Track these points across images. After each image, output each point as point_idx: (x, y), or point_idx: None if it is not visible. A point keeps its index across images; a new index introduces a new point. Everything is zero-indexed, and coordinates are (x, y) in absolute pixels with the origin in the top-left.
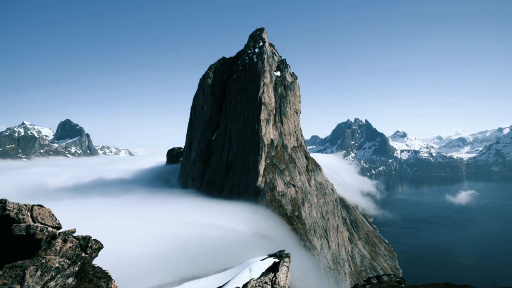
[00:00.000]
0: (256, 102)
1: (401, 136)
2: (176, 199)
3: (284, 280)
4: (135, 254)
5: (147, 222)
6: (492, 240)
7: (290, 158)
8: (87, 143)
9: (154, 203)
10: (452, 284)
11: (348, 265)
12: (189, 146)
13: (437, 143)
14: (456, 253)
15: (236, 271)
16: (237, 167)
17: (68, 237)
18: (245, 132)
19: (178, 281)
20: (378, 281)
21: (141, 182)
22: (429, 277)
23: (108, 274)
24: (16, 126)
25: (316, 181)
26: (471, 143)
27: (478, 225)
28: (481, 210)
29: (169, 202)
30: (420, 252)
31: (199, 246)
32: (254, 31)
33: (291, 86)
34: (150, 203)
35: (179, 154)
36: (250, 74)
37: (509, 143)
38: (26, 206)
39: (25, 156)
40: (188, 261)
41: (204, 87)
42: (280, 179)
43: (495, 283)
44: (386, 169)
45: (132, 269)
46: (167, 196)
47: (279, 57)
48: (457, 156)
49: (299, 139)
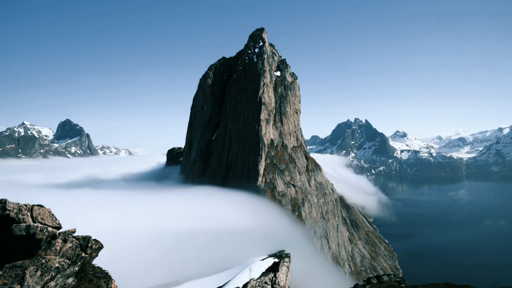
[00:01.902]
0: (256, 102)
1: (401, 136)
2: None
3: (284, 280)
4: (135, 253)
5: (147, 220)
6: (492, 240)
7: (290, 158)
8: (87, 143)
9: (153, 196)
10: (452, 284)
11: (348, 265)
12: (189, 146)
13: (437, 143)
14: (456, 253)
15: (236, 271)
16: (237, 167)
17: (68, 237)
18: (245, 132)
19: (178, 281)
20: (378, 281)
21: (142, 179)
22: (429, 277)
23: (108, 274)
24: (16, 126)
25: (316, 181)
26: (471, 143)
27: (478, 225)
28: (481, 210)
29: (169, 195)
30: (420, 252)
31: (199, 246)
32: (254, 31)
33: (291, 86)
34: (151, 195)
35: (179, 154)
36: (250, 74)
37: (509, 143)
38: (26, 206)
39: (25, 156)
40: (188, 261)
41: (204, 87)
42: (280, 179)
43: (495, 283)
44: (386, 169)
45: (132, 269)
46: (167, 189)
47: (279, 57)
48: (457, 156)
49: (299, 139)
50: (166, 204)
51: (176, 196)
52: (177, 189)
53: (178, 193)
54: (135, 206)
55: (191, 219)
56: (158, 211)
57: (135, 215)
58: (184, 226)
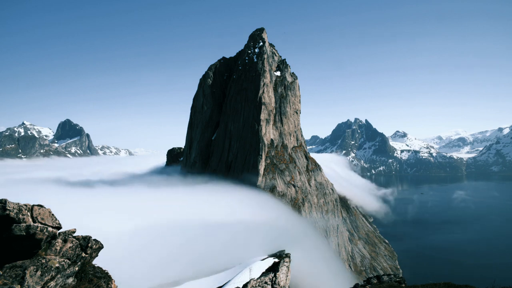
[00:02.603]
0: (256, 102)
1: (401, 136)
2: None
3: (284, 280)
4: (135, 253)
5: (147, 220)
6: (492, 240)
7: (290, 158)
8: (87, 143)
9: (154, 196)
10: (452, 284)
11: (348, 265)
12: (189, 146)
13: (437, 143)
14: (456, 253)
15: (236, 271)
16: (237, 167)
17: (68, 237)
18: (245, 132)
19: (178, 281)
20: (378, 281)
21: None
22: (429, 277)
23: (108, 274)
24: (16, 126)
25: (316, 181)
26: (471, 143)
27: (478, 225)
28: (481, 210)
29: (169, 194)
30: (420, 252)
31: (199, 245)
32: (254, 31)
33: (291, 86)
34: (151, 195)
35: (179, 154)
36: (250, 74)
37: (509, 143)
38: (26, 206)
39: (25, 156)
40: (188, 261)
41: (204, 87)
42: (280, 179)
43: (495, 283)
44: (386, 169)
45: (132, 269)
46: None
47: (279, 57)
48: (457, 156)
49: (299, 139)
50: (166, 204)
51: (176, 196)
52: (177, 189)
53: (178, 193)
54: (135, 206)
55: (191, 219)
56: (158, 211)
57: (135, 215)
58: (184, 226)
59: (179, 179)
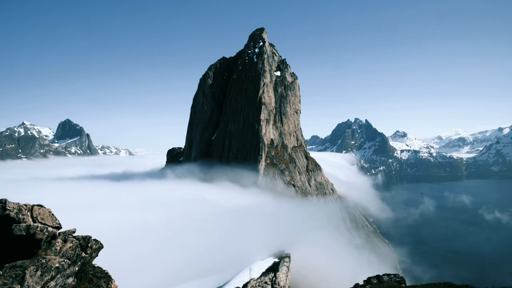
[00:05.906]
0: (256, 102)
1: (401, 136)
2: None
3: (284, 280)
4: (135, 253)
5: (147, 220)
6: (492, 240)
7: (290, 158)
8: (87, 143)
9: (153, 196)
10: (452, 284)
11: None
12: (189, 146)
13: (437, 143)
14: (456, 253)
15: (236, 271)
16: (237, 167)
17: (68, 237)
18: (245, 132)
19: (178, 281)
20: (378, 281)
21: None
22: (429, 277)
23: (108, 274)
24: (16, 126)
25: (316, 181)
26: (471, 143)
27: (478, 225)
28: (481, 210)
29: (169, 194)
30: (420, 252)
31: (199, 245)
32: (254, 31)
33: (291, 86)
34: (150, 195)
35: (179, 154)
36: (250, 74)
37: (509, 143)
38: (26, 206)
39: (25, 156)
40: (188, 261)
41: (204, 87)
42: (280, 179)
43: (495, 283)
44: (386, 169)
45: (132, 268)
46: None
47: (279, 57)
48: (457, 156)
49: (299, 139)
50: (166, 203)
51: (176, 195)
52: (177, 188)
53: (178, 193)
54: (135, 206)
55: (191, 219)
56: (158, 210)
57: (135, 214)
58: (184, 226)
59: (179, 178)
